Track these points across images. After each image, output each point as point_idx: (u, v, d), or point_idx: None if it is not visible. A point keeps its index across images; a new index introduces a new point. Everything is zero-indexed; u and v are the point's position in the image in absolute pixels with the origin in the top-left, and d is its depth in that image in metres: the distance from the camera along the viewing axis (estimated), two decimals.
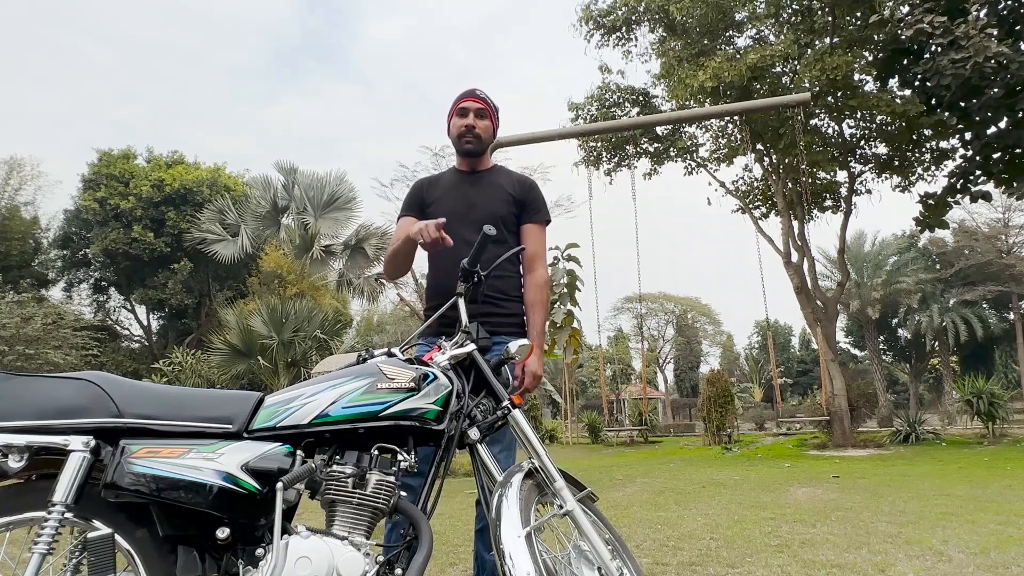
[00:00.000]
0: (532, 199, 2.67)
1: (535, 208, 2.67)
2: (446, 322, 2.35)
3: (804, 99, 9.43)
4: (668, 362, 46.60)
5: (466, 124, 2.60)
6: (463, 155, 2.68)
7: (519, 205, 2.64)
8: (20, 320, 14.69)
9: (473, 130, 2.61)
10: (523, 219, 2.65)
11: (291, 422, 1.69)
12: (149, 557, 1.61)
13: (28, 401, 1.60)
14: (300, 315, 14.93)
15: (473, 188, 2.64)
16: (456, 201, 2.60)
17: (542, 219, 2.68)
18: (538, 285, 2.59)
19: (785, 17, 13.79)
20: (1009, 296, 29.52)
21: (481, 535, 2.46)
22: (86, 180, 22.58)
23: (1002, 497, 5.82)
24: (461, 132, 2.61)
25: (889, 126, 14.16)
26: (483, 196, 2.62)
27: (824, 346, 14.50)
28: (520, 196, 2.64)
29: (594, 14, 14.71)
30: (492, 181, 2.68)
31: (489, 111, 2.65)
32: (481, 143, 2.64)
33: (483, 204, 2.60)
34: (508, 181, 2.69)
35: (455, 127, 2.64)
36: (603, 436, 19.63)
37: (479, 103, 2.62)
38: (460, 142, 2.63)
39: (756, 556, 3.73)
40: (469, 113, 2.61)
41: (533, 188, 2.71)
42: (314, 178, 19.65)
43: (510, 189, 2.65)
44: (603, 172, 16.12)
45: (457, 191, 2.64)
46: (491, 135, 2.68)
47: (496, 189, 2.64)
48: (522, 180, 2.74)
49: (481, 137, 2.63)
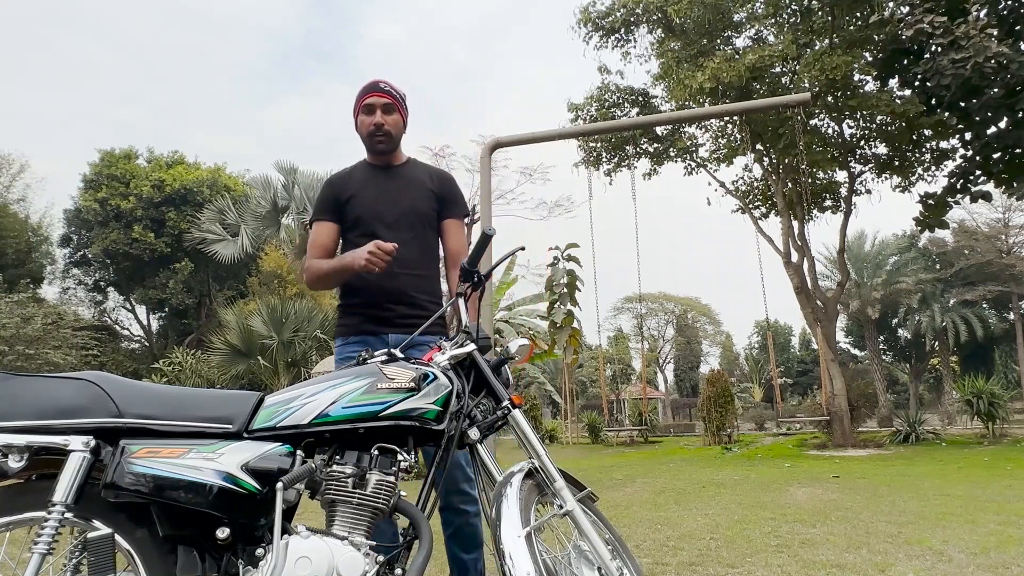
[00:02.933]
0: (450, 193, 2.63)
1: (453, 201, 2.63)
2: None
3: (804, 99, 9.38)
4: (668, 362, 46.62)
5: (375, 122, 2.50)
6: (376, 154, 2.60)
7: (439, 200, 2.59)
8: (20, 320, 14.70)
9: (382, 127, 2.51)
10: (443, 214, 2.61)
11: (291, 422, 1.69)
12: (149, 557, 1.61)
13: (28, 401, 1.60)
14: (300, 315, 14.93)
15: (391, 183, 2.57)
16: (374, 198, 2.52)
17: (461, 213, 2.66)
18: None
19: (784, 17, 13.79)
20: (1009, 296, 29.53)
21: (454, 538, 2.45)
22: (87, 180, 22.60)
23: (1002, 497, 5.82)
24: (371, 131, 2.52)
25: (889, 126, 14.16)
26: (402, 192, 2.55)
27: (824, 346, 14.49)
28: (439, 191, 2.60)
29: (593, 16, 14.71)
30: (409, 175, 2.60)
31: (396, 104, 2.53)
32: (392, 140, 2.55)
33: (403, 200, 2.56)
34: (426, 175, 2.64)
35: (363, 125, 2.53)
36: (603, 436, 19.63)
37: (385, 97, 2.50)
38: (372, 141, 2.54)
39: (756, 556, 3.73)
40: (376, 110, 2.50)
41: (451, 182, 2.68)
42: (314, 178, 19.64)
43: (429, 184, 2.60)
44: (603, 172, 16.13)
45: (375, 186, 2.55)
46: (401, 129, 2.58)
47: (415, 184, 2.58)
48: (440, 174, 2.70)
49: (391, 134, 2.54)
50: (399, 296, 2.47)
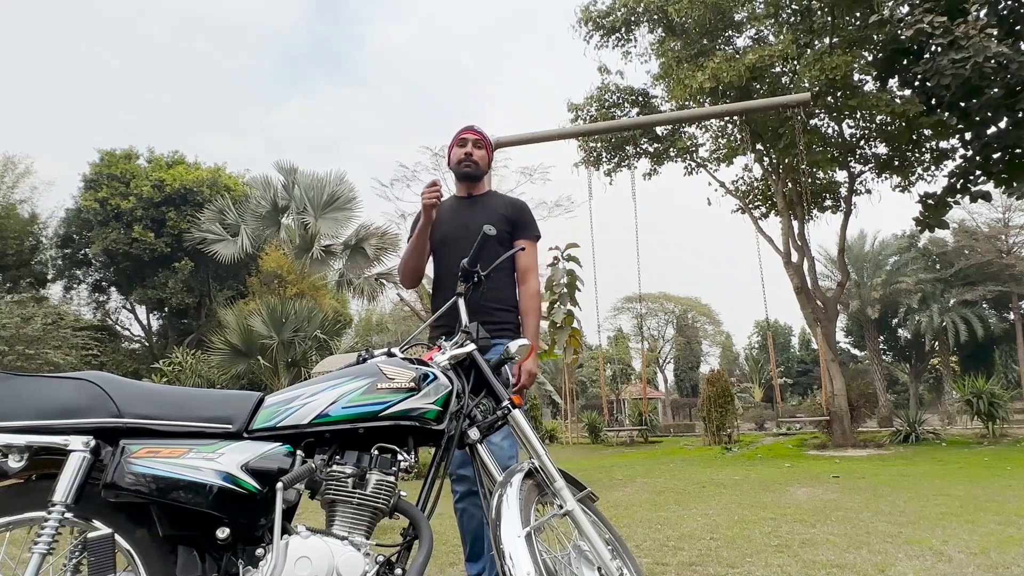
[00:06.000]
0: (523, 219, 2.95)
1: (525, 226, 2.94)
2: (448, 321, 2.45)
3: (804, 99, 9.42)
4: (668, 362, 46.62)
5: (465, 151, 2.92)
6: (462, 178, 2.97)
7: (511, 224, 2.89)
8: (20, 320, 14.69)
9: (471, 156, 2.91)
10: (515, 236, 2.90)
11: (291, 422, 1.69)
12: (149, 557, 1.61)
13: (28, 401, 1.60)
14: (300, 315, 14.92)
15: (469, 211, 2.92)
16: (455, 224, 2.88)
17: (532, 235, 2.96)
18: (531, 295, 2.88)
19: (784, 17, 13.78)
20: (1009, 296, 29.54)
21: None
22: (87, 180, 22.58)
23: (1002, 497, 5.82)
24: (461, 158, 2.92)
25: (889, 126, 14.15)
26: (478, 218, 2.82)
27: (824, 346, 14.49)
28: (512, 216, 2.92)
29: (593, 15, 14.71)
30: (487, 204, 2.96)
31: (485, 143, 2.97)
32: (479, 168, 2.95)
33: (478, 225, 2.70)
34: (501, 204, 2.98)
35: (455, 156, 2.95)
36: (603, 436, 19.61)
37: (476, 135, 2.95)
38: (460, 167, 2.93)
39: (756, 556, 3.73)
40: (468, 143, 2.93)
41: (524, 209, 3.01)
42: (314, 178, 19.64)
43: (503, 210, 2.91)
44: (603, 172, 16.12)
45: (456, 215, 2.92)
46: (487, 164, 2.99)
47: (490, 211, 2.90)
48: (514, 202, 3.03)
49: (478, 163, 2.94)
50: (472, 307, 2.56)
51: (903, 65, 11.83)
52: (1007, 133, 11.17)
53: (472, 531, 2.68)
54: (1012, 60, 9.75)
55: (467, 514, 2.69)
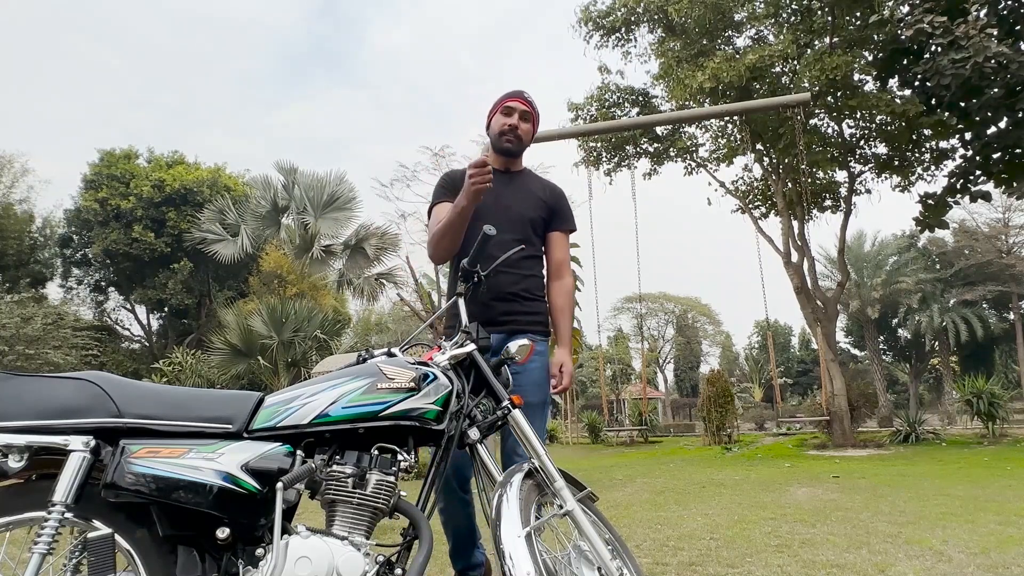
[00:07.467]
0: (562, 208, 2.71)
1: (564, 217, 2.70)
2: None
3: (804, 99, 9.44)
4: (668, 362, 46.62)
5: (510, 123, 2.59)
6: (500, 153, 2.65)
7: (550, 211, 2.66)
8: (20, 320, 14.69)
9: (516, 130, 2.60)
10: (552, 226, 2.68)
11: (291, 422, 1.69)
12: (149, 557, 1.61)
13: (28, 401, 1.60)
14: (300, 315, 14.93)
15: (507, 189, 2.62)
16: (490, 199, 2.49)
17: (569, 227, 2.73)
18: (566, 291, 2.66)
19: (784, 17, 13.78)
20: (1009, 296, 29.54)
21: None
22: (87, 180, 22.58)
23: (1002, 497, 5.82)
24: (504, 130, 2.59)
25: (889, 126, 14.15)
26: (516, 198, 2.62)
27: (824, 346, 14.49)
28: (552, 203, 2.67)
29: (593, 15, 14.71)
30: (525, 185, 2.68)
31: (533, 115, 2.63)
32: (521, 144, 2.64)
33: (516, 206, 2.61)
34: (540, 187, 2.71)
35: (497, 124, 2.61)
36: (603, 436, 19.61)
37: (525, 105, 2.60)
38: (500, 139, 2.61)
39: (756, 556, 3.73)
40: (514, 113, 2.59)
41: (563, 197, 2.75)
42: (314, 178, 19.64)
43: (542, 195, 2.67)
44: (603, 172, 16.10)
45: (492, 189, 2.50)
46: (530, 139, 2.67)
47: (529, 194, 2.65)
48: (553, 188, 2.76)
49: (522, 139, 2.62)
50: (500, 294, 2.49)
51: (903, 65, 11.83)
52: (1007, 133, 11.17)
53: (453, 528, 2.55)
54: (1012, 60, 9.75)
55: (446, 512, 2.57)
